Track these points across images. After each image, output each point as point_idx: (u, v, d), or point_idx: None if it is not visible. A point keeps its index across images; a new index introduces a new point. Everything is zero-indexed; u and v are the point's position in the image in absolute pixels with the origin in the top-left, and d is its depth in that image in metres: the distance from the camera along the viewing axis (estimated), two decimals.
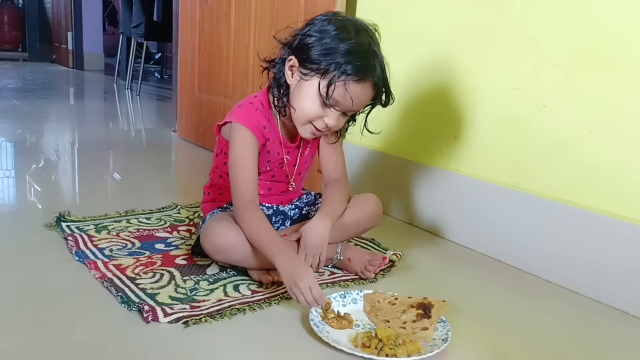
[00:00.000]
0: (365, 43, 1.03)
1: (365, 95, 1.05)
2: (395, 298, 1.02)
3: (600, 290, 1.13)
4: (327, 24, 1.04)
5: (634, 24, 1.06)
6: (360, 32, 1.04)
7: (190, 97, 2.45)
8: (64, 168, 1.98)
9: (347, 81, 1.01)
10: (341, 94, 1.02)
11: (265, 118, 1.13)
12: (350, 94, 1.02)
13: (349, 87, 1.01)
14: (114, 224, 1.34)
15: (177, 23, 2.54)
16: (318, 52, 1.02)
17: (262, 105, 1.14)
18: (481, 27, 1.34)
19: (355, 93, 1.02)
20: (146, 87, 4.65)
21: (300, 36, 1.06)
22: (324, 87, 1.02)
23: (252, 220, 1.05)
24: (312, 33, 1.04)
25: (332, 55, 1.01)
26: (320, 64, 1.02)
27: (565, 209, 1.18)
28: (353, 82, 1.01)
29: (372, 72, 1.02)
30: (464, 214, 1.40)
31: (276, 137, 1.15)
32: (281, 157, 1.16)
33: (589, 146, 1.15)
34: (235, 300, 1.00)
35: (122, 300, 0.96)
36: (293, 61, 1.07)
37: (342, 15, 1.08)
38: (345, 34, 1.02)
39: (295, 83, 1.08)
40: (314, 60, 1.03)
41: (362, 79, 1.02)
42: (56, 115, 3.17)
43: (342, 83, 1.01)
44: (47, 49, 6.66)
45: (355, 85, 1.02)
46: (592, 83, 1.13)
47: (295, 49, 1.06)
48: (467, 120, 1.39)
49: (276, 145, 1.15)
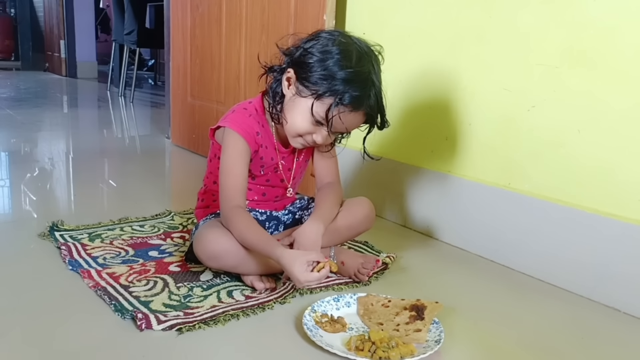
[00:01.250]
0: (365, 72, 1.03)
1: (355, 121, 1.07)
2: (389, 300, 1.03)
3: (592, 288, 1.13)
4: (331, 44, 1.04)
5: (620, 23, 1.07)
6: (362, 59, 1.04)
7: (183, 103, 2.46)
8: (58, 177, 1.98)
9: (341, 109, 1.02)
10: (335, 120, 1.03)
11: (258, 124, 1.13)
12: (343, 120, 1.03)
13: (342, 115, 1.03)
14: (107, 232, 1.34)
15: (168, 30, 2.54)
16: (317, 75, 1.02)
17: (256, 111, 1.14)
18: (470, 29, 1.35)
19: (346, 120, 1.04)
20: (139, 94, 4.65)
21: (302, 50, 1.06)
22: (317, 108, 1.03)
23: (241, 223, 1.05)
24: (315, 52, 1.04)
25: (330, 81, 1.01)
26: (317, 86, 1.02)
27: (556, 208, 1.19)
28: (347, 110, 1.02)
29: (366, 102, 1.03)
30: (457, 215, 1.41)
31: (270, 143, 1.15)
32: (275, 162, 1.17)
33: (578, 145, 1.16)
34: (229, 306, 1.00)
35: (115, 308, 0.96)
36: (291, 74, 1.07)
37: (346, 37, 1.07)
38: (347, 61, 1.02)
39: (290, 95, 1.08)
40: (312, 80, 1.03)
41: (355, 109, 1.03)
42: (50, 123, 3.17)
43: (337, 110, 1.02)
44: (39, 58, 6.66)
45: (349, 113, 1.03)
46: (580, 83, 1.14)
47: (296, 63, 1.06)
48: (457, 121, 1.40)
49: (270, 151, 1.15)
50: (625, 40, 1.07)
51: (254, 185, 1.18)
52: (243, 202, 1.09)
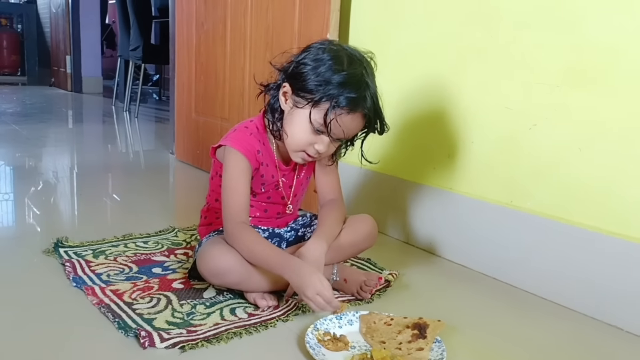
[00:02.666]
0: (358, 74, 1.05)
1: (354, 125, 1.07)
2: (391, 319, 1.03)
3: (594, 307, 1.13)
4: (322, 52, 1.06)
5: (619, 43, 1.09)
6: (354, 62, 1.06)
7: (187, 119, 2.48)
8: (63, 192, 2.00)
9: (339, 112, 1.03)
10: (333, 124, 1.04)
11: (259, 142, 1.14)
12: (341, 124, 1.04)
13: (340, 118, 1.03)
14: (111, 249, 1.35)
15: (173, 47, 2.57)
16: (312, 82, 1.04)
17: (257, 130, 1.16)
18: (472, 48, 1.36)
19: (345, 123, 1.05)
20: (144, 108, 4.68)
21: (295, 63, 1.08)
22: (315, 116, 1.04)
23: (247, 240, 1.06)
24: (307, 62, 1.06)
25: (325, 86, 1.03)
26: (313, 94, 1.04)
27: (557, 226, 1.19)
28: (344, 113, 1.03)
29: (362, 103, 1.04)
30: (459, 233, 1.41)
31: (271, 161, 1.16)
32: (276, 180, 1.18)
33: (578, 164, 1.16)
34: (232, 323, 1.00)
35: (119, 326, 0.97)
36: (287, 88, 1.09)
37: (337, 44, 1.10)
38: (338, 65, 1.04)
39: (288, 109, 1.10)
40: (307, 89, 1.05)
41: (352, 111, 1.04)
42: (55, 139, 3.19)
43: (334, 114, 1.03)
44: (45, 73, 6.72)
45: (346, 116, 1.04)
46: (581, 102, 1.15)
47: (290, 76, 1.08)
48: (460, 139, 1.41)
49: (271, 169, 1.16)
50: (625, 60, 1.08)
51: (255, 202, 1.19)
52: (247, 219, 1.10)
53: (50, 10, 6.38)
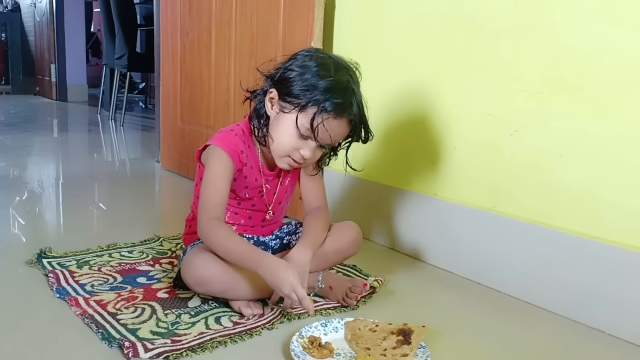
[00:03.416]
0: (344, 81, 1.06)
1: (341, 131, 1.08)
2: (376, 325, 1.03)
3: (576, 310, 1.15)
4: (308, 59, 1.08)
5: (597, 50, 1.11)
6: (340, 69, 1.08)
7: (173, 127, 2.47)
8: (47, 202, 1.98)
9: (325, 117, 1.04)
10: (320, 128, 1.05)
11: (244, 144, 1.15)
12: (328, 129, 1.05)
13: (327, 122, 1.04)
14: (95, 259, 1.34)
15: (158, 55, 2.57)
16: (298, 88, 1.06)
17: (242, 132, 1.17)
18: (453, 55, 1.38)
19: (332, 128, 1.05)
20: (130, 117, 4.66)
21: (282, 70, 1.10)
22: (301, 120, 1.05)
23: (222, 236, 1.06)
24: (294, 68, 1.08)
25: (311, 91, 1.04)
26: (299, 99, 1.05)
27: (540, 231, 1.21)
28: (331, 118, 1.05)
29: (349, 109, 1.06)
30: (443, 238, 1.42)
31: (255, 164, 1.17)
32: (260, 185, 1.18)
33: (560, 169, 1.18)
34: (217, 332, 1.00)
35: (102, 337, 0.96)
36: (273, 94, 1.10)
37: (323, 53, 1.12)
38: (325, 71, 1.05)
39: (274, 115, 1.10)
40: (293, 94, 1.06)
41: (339, 116, 1.05)
42: (40, 148, 3.16)
43: (321, 119, 1.04)
44: (30, 82, 6.66)
45: (332, 121, 1.05)
46: (561, 108, 1.17)
47: (277, 82, 1.10)
48: (443, 145, 1.42)
49: (255, 172, 1.17)
50: (602, 67, 1.10)
51: (240, 210, 1.19)
52: (222, 216, 1.10)
53: (34, 19, 6.34)
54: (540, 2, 1.19)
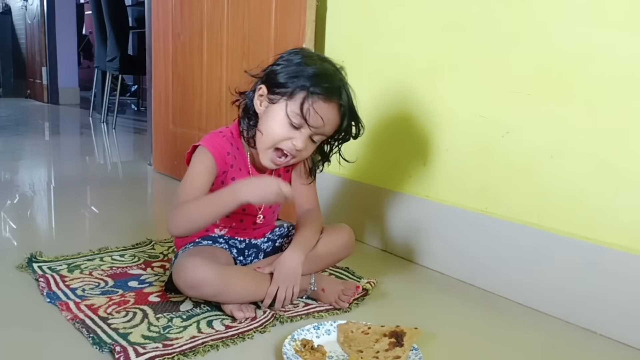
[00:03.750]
0: (330, 69, 1.09)
1: (331, 116, 1.08)
2: (369, 327, 1.03)
3: (568, 311, 1.15)
4: (294, 55, 1.11)
5: (586, 52, 1.11)
6: (326, 61, 1.11)
7: (165, 130, 2.46)
8: (39, 205, 1.97)
9: (315, 100, 1.05)
10: (311, 112, 1.05)
11: (232, 146, 1.15)
12: (318, 111, 1.05)
13: (316, 105, 1.05)
14: (87, 263, 1.34)
15: (150, 58, 2.56)
16: (285, 77, 1.07)
17: (231, 134, 1.17)
18: (444, 58, 1.38)
19: (322, 111, 1.06)
20: (122, 119, 4.64)
21: (269, 67, 1.12)
22: (291, 107, 1.06)
23: (184, 205, 1.06)
24: (280, 62, 1.10)
25: (298, 77, 1.06)
26: (287, 87, 1.06)
27: (531, 232, 1.21)
28: (320, 101, 1.05)
29: (337, 94, 1.07)
30: (436, 240, 1.43)
31: (244, 166, 1.17)
32: None
33: (551, 170, 1.18)
34: (209, 336, 1.00)
35: (93, 341, 0.95)
36: (262, 90, 1.11)
37: (309, 50, 1.15)
38: (310, 61, 1.08)
39: (263, 110, 1.11)
40: (281, 84, 1.07)
41: (328, 99, 1.06)
42: (31, 152, 3.14)
43: (310, 102, 1.04)
44: (21, 84, 6.62)
45: (322, 104, 1.05)
46: (551, 110, 1.18)
47: (265, 79, 1.11)
48: (435, 147, 1.42)
49: (243, 174, 1.17)
50: (592, 69, 1.11)
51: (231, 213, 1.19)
52: None
53: (25, 21, 6.31)
54: (530, 4, 1.20)
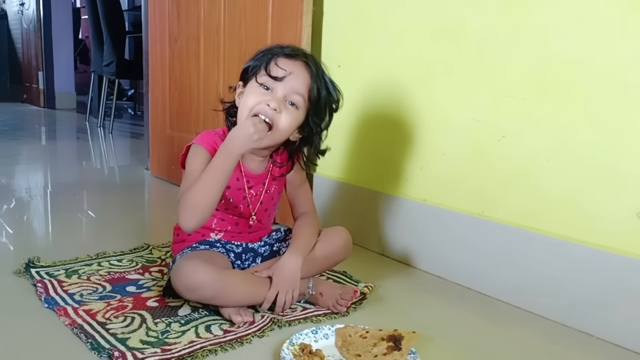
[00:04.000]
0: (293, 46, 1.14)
1: (297, 69, 1.11)
2: (367, 331, 1.04)
3: (565, 314, 1.16)
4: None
5: (582, 56, 1.12)
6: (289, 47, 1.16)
7: (162, 134, 2.46)
8: (36, 210, 1.97)
9: (278, 58, 1.10)
10: (275, 68, 1.09)
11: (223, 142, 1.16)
12: (280, 65, 1.09)
13: (279, 61, 1.10)
14: (84, 268, 1.34)
15: (147, 62, 2.56)
16: (253, 62, 1.14)
17: (223, 133, 1.19)
18: (441, 62, 1.39)
19: (286, 65, 1.10)
20: (119, 124, 4.64)
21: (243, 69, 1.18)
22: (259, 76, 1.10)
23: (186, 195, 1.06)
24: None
25: (264, 55, 1.12)
26: (255, 66, 1.12)
27: (528, 236, 1.22)
28: (283, 57, 1.10)
29: (301, 53, 1.13)
30: (433, 243, 1.43)
31: None
32: (242, 185, 1.18)
33: (547, 174, 1.19)
34: (207, 341, 1.00)
35: (92, 347, 0.95)
36: (239, 86, 1.17)
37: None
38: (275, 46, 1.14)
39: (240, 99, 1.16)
40: (251, 68, 1.14)
41: (291, 56, 1.11)
42: (27, 156, 3.14)
43: (274, 61, 1.10)
44: (17, 89, 6.61)
45: (285, 59, 1.10)
46: (547, 114, 1.18)
47: (240, 79, 1.17)
48: (431, 151, 1.43)
49: (236, 172, 1.17)
50: (587, 72, 1.11)
51: (226, 216, 1.20)
52: None
53: (21, 26, 6.31)
54: (526, 8, 1.21)
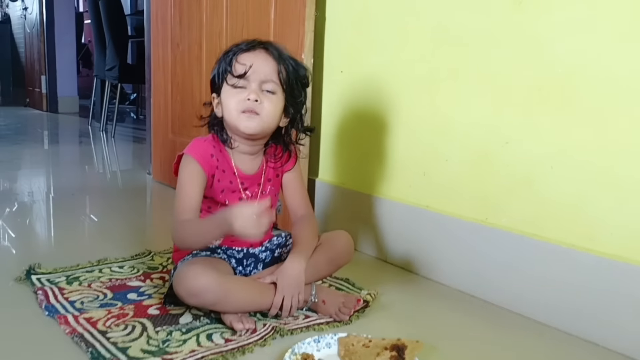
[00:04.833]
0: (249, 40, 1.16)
1: (259, 59, 1.12)
2: (369, 340, 1.03)
3: (570, 322, 1.14)
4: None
5: (585, 62, 1.11)
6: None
7: (164, 139, 2.46)
8: (37, 215, 1.96)
9: (237, 56, 1.12)
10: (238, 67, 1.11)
11: (214, 148, 1.17)
12: (240, 60, 1.11)
13: (240, 58, 1.12)
14: (85, 275, 1.33)
15: (149, 67, 2.56)
16: (215, 70, 1.16)
17: (212, 139, 1.19)
18: (444, 69, 1.38)
19: (247, 59, 1.11)
20: (121, 128, 4.65)
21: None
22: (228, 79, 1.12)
23: (186, 224, 1.09)
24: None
25: (221, 61, 1.14)
26: (219, 73, 1.14)
27: (532, 243, 1.20)
28: (241, 53, 1.12)
29: (258, 43, 1.14)
30: (436, 250, 1.42)
31: (228, 166, 1.18)
32: (236, 188, 1.18)
33: (551, 181, 1.18)
34: (208, 350, 0.99)
35: (92, 356, 0.95)
36: (214, 98, 1.18)
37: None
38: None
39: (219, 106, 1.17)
40: (217, 76, 1.15)
41: (249, 49, 1.12)
42: (30, 161, 3.14)
43: (235, 59, 1.11)
44: (20, 93, 6.63)
45: (244, 54, 1.12)
46: (551, 120, 1.17)
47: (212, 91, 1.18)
48: (434, 157, 1.42)
49: (228, 174, 1.17)
50: (591, 79, 1.10)
51: None
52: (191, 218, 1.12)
53: (24, 30, 6.33)
54: (530, 15, 1.20)
